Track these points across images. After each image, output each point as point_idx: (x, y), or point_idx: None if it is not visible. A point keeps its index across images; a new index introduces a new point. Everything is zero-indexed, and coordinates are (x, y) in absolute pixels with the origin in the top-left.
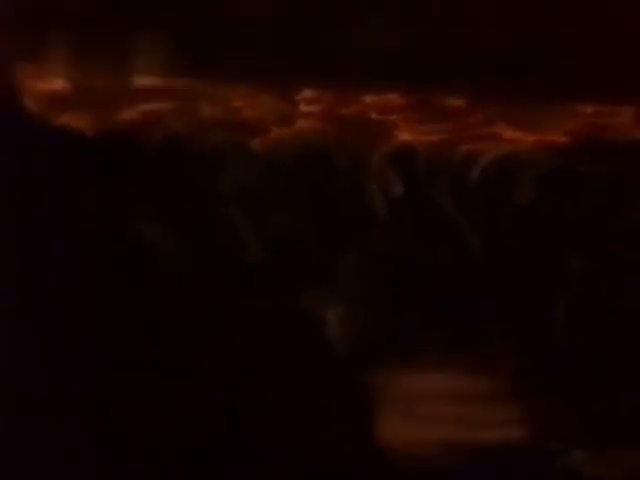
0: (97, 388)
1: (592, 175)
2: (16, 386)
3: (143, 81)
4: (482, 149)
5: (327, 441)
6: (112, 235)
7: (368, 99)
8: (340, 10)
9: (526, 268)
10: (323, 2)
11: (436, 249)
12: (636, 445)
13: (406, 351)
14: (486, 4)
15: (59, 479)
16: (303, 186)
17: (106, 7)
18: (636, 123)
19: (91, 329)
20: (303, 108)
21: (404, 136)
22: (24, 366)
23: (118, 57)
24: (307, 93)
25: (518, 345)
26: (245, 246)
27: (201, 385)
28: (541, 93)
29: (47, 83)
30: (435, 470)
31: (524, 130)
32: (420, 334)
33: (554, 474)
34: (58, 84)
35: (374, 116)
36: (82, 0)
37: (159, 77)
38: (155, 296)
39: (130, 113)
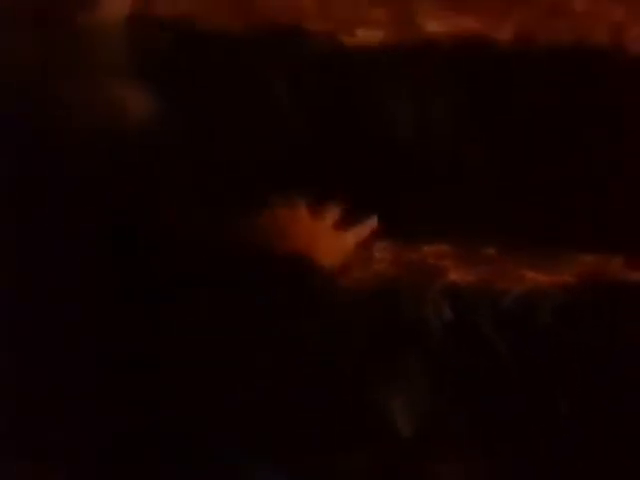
0: (97, 388)
1: (594, 307)
2: (16, 386)
3: None
4: (511, 286)
5: None
6: None
7: (426, 248)
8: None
9: (544, 377)
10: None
11: (476, 360)
12: None
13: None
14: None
15: (59, 478)
16: (377, 312)
17: None
18: (625, 268)
19: (91, 329)
20: (377, 255)
21: (453, 276)
22: (24, 366)
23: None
24: (380, 244)
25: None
26: (334, 348)
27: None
28: (553, 246)
29: None
30: None
31: (542, 272)
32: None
33: None
34: None
35: (431, 261)
36: None
37: None
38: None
39: None
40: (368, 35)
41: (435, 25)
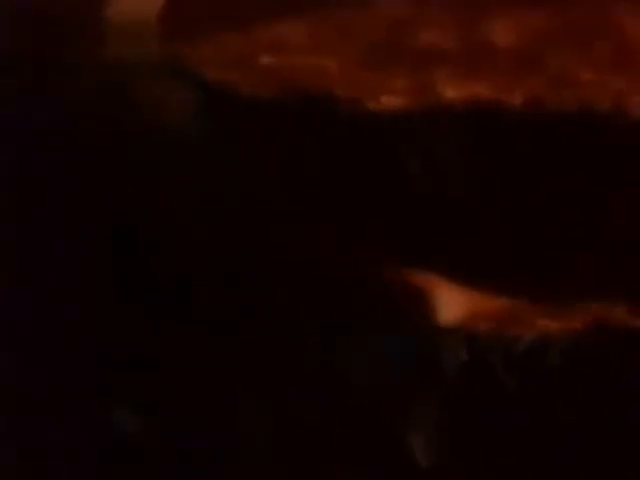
0: (97, 388)
1: (599, 352)
2: (16, 386)
3: None
4: (523, 332)
5: None
6: None
7: None
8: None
9: (551, 415)
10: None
11: (490, 397)
12: None
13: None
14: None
15: (59, 478)
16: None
17: None
18: (629, 316)
19: (91, 329)
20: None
21: (470, 323)
22: (24, 366)
23: None
24: None
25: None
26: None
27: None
28: (562, 295)
29: None
30: None
31: (551, 319)
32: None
33: None
34: None
35: None
36: None
37: None
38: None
39: None
40: (392, 101)
41: (453, 92)
